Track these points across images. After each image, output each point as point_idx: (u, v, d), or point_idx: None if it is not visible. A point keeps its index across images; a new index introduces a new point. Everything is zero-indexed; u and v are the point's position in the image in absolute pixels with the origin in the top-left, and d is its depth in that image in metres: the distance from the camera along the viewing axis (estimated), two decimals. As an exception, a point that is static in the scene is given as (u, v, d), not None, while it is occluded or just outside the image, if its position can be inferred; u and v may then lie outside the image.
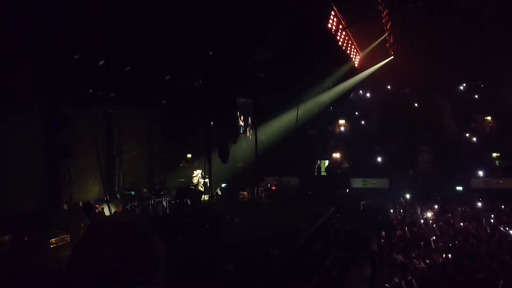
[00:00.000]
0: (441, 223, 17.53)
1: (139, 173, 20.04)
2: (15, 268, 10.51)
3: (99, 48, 13.04)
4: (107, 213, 14.85)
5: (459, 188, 24.20)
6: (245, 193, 23.06)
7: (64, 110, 15.64)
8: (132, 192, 17.00)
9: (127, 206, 16.49)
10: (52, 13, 10.09)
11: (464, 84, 30.25)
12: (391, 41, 22.30)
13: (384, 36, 21.75)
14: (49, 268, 10.61)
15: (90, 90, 15.33)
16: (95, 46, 12.77)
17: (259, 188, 20.89)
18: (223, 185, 23.06)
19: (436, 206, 21.14)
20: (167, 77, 17.25)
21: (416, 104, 30.68)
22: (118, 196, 18.01)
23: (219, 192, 22.68)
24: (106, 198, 15.49)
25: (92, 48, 12.87)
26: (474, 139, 28.30)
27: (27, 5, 9.68)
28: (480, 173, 25.24)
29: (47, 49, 11.71)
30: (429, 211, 20.18)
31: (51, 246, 13.18)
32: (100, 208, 14.85)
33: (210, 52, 15.08)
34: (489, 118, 29.23)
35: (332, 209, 21.45)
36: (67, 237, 13.70)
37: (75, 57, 12.80)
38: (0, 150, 13.33)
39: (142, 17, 12.00)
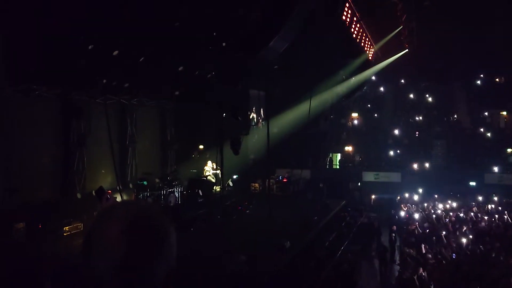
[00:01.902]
0: (453, 218, 17.40)
1: (152, 164, 20.16)
2: (30, 255, 10.65)
3: (113, 38, 13.11)
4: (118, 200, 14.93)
5: (473, 183, 23.94)
6: (257, 185, 23.09)
7: (78, 100, 15.76)
8: (145, 182, 17.10)
9: (139, 196, 16.60)
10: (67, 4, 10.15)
11: (480, 79, 29.82)
12: (406, 34, 22.08)
13: (399, 29, 21.53)
14: (62, 256, 10.74)
15: (104, 81, 15.43)
16: (109, 36, 12.83)
17: (271, 180, 20.89)
18: (234, 176, 23.09)
19: (449, 201, 20.98)
20: (181, 68, 17.29)
21: (430, 98, 30.37)
22: (131, 186, 18.15)
23: (231, 184, 22.73)
24: (119, 187, 15.59)
25: (106, 38, 12.94)
26: (489, 134, 27.95)
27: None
28: (495, 169, 24.88)
29: (62, 39, 11.79)
30: (442, 206, 20.04)
31: (65, 234, 13.32)
32: (111, 195, 14.95)
33: (224, 43, 15.08)
34: (504, 113, 28.86)
35: (344, 202, 21.40)
36: (80, 226, 13.84)
37: (90, 47, 12.88)
38: (16, 139, 13.46)
39: (156, 8, 12.02)
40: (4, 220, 11.63)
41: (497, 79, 29.87)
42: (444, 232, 14.68)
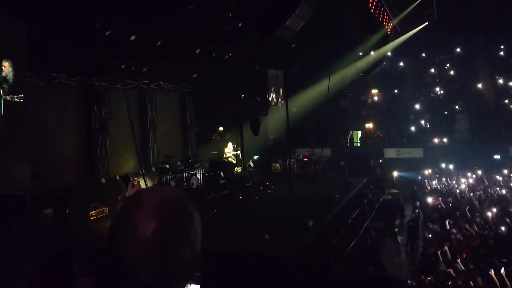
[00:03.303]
0: (478, 192, 17.19)
1: (173, 147, 20.36)
2: (59, 240, 10.95)
3: (129, 23, 13.16)
4: (142, 186, 15.19)
5: (497, 156, 23.52)
6: (277, 164, 23.16)
7: (99, 86, 15.95)
8: (167, 166, 17.30)
9: (162, 179, 16.83)
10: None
11: (503, 50, 28.99)
12: (426, 6, 21.55)
13: (418, 1, 21.02)
14: (90, 239, 11.02)
15: (123, 66, 15.54)
16: (126, 21, 12.88)
17: (291, 160, 20.92)
18: (255, 157, 23.19)
19: (473, 175, 20.72)
20: (198, 51, 17.28)
21: (451, 72, 29.74)
22: (153, 169, 18.39)
23: (252, 164, 22.85)
24: (142, 171, 15.83)
25: (123, 23, 13.00)
26: (513, 106, 27.30)
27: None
28: (520, 141, 24.38)
29: (81, 25, 11.88)
30: (466, 181, 19.80)
31: (91, 218, 13.65)
32: (137, 181, 15.21)
33: (240, 24, 14.98)
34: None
35: (366, 179, 21.32)
36: (106, 210, 14.16)
37: (107, 33, 12.95)
38: (41, 127, 13.73)
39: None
40: (33, 205, 11.95)
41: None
42: (468, 207, 14.55)
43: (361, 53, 23.82)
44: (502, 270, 8.59)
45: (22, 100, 11.56)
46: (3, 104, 10.92)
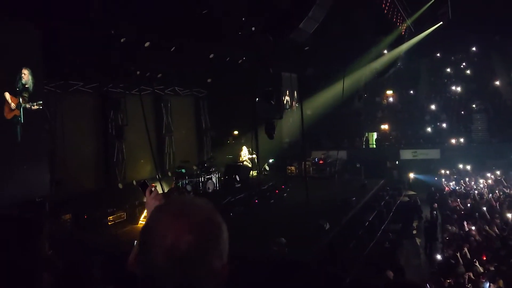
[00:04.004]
0: (497, 193, 16.94)
1: (189, 151, 20.48)
2: (78, 246, 11.08)
3: (143, 29, 13.29)
4: (159, 191, 15.29)
5: (516, 156, 23.13)
6: (293, 168, 23.11)
7: (114, 92, 16.14)
8: (183, 170, 17.40)
9: (178, 184, 16.93)
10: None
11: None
12: (440, 6, 21.34)
13: (432, 1, 20.83)
14: (109, 244, 11.12)
15: (138, 72, 15.71)
16: (140, 27, 13.02)
17: (307, 163, 20.85)
18: (270, 160, 23.19)
19: (491, 176, 20.41)
20: (212, 55, 17.38)
21: (468, 71, 29.37)
22: (169, 174, 18.51)
23: (267, 168, 22.85)
24: (158, 176, 15.95)
25: (137, 30, 13.14)
26: (532, 104, 26.83)
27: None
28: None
29: (96, 33, 12.04)
30: (484, 181, 19.53)
31: (109, 223, 13.77)
32: (155, 188, 15.32)
33: (253, 28, 15.02)
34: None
35: (382, 181, 21.16)
36: (123, 215, 14.27)
37: (122, 40, 13.11)
38: (58, 134, 13.94)
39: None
40: (52, 211, 12.12)
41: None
42: (487, 208, 14.34)
43: (375, 55, 23.69)
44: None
45: (41, 107, 11.76)
46: (23, 112, 11.12)
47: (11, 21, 10.62)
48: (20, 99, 11.09)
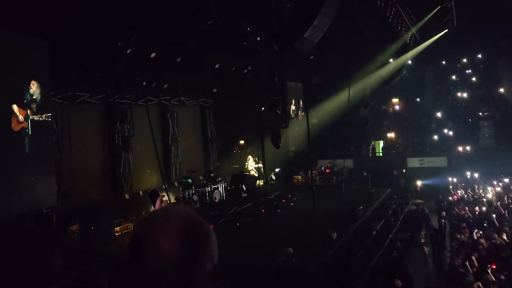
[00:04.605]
0: (505, 201, 16.79)
1: (195, 161, 20.51)
2: (85, 255, 11.10)
3: (149, 40, 13.40)
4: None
5: (524, 163, 22.95)
6: (299, 177, 23.08)
7: (121, 103, 16.23)
8: (189, 180, 17.41)
9: (185, 194, 16.94)
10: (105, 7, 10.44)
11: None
12: (445, 13, 21.35)
13: (437, 8, 20.85)
14: (115, 255, 11.12)
15: (144, 83, 15.80)
16: (145, 38, 13.12)
17: (313, 172, 20.80)
18: (277, 170, 23.16)
19: (499, 183, 20.25)
20: (217, 66, 17.47)
21: (474, 78, 29.28)
22: (176, 184, 18.54)
23: (273, 177, 22.82)
24: (165, 186, 15.96)
25: (143, 41, 13.24)
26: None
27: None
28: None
29: (102, 44, 12.15)
30: (492, 189, 19.37)
31: (116, 234, 13.78)
32: (165, 197, 15.31)
33: (258, 38, 15.09)
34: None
35: (389, 190, 21.05)
36: (130, 226, 14.25)
37: (128, 51, 13.21)
38: (65, 145, 14.02)
39: (190, 6, 12.17)
40: (60, 222, 12.15)
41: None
42: (496, 216, 14.21)
43: (381, 63, 23.69)
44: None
45: (50, 119, 11.85)
46: (31, 124, 11.21)
47: (19, 34, 10.75)
48: (28, 111, 11.19)
